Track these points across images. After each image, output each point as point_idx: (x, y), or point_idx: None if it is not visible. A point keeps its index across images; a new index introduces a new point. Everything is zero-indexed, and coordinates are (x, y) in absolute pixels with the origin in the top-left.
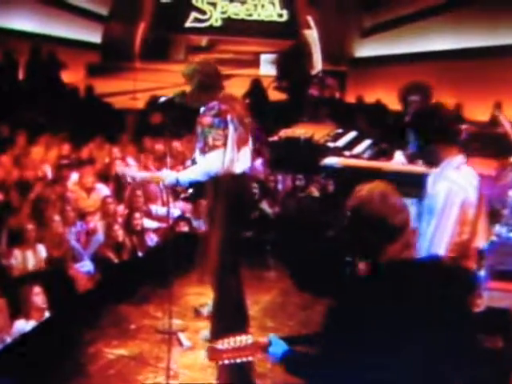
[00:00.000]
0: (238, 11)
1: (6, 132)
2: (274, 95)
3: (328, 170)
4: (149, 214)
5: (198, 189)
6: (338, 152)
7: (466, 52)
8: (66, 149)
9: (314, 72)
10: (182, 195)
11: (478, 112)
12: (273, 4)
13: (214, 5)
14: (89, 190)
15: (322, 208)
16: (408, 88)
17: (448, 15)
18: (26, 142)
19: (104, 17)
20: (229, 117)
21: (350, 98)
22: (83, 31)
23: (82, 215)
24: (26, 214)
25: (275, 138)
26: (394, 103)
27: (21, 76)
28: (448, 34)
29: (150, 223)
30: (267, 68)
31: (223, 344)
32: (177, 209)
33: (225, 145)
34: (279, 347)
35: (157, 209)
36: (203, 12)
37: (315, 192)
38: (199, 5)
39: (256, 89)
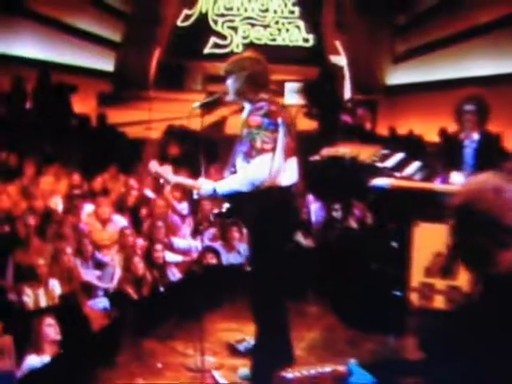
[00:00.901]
0: (260, 36)
1: (14, 161)
2: (303, 124)
3: (378, 192)
4: (170, 247)
5: (237, 202)
6: (387, 173)
7: (510, 77)
8: (76, 179)
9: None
10: (216, 211)
11: None
12: (298, 28)
13: (234, 29)
14: (105, 222)
15: (362, 240)
16: (465, 98)
17: (489, 37)
18: (35, 172)
19: (117, 43)
20: (279, 119)
21: (382, 129)
22: (94, 58)
23: (97, 248)
24: (36, 247)
25: (316, 157)
26: (429, 133)
27: (29, 104)
28: (489, 57)
29: (171, 256)
30: (292, 97)
31: (295, 372)
32: (200, 241)
33: (274, 149)
34: (362, 377)
35: (179, 242)
36: (223, 37)
37: (353, 224)
38: (219, 29)
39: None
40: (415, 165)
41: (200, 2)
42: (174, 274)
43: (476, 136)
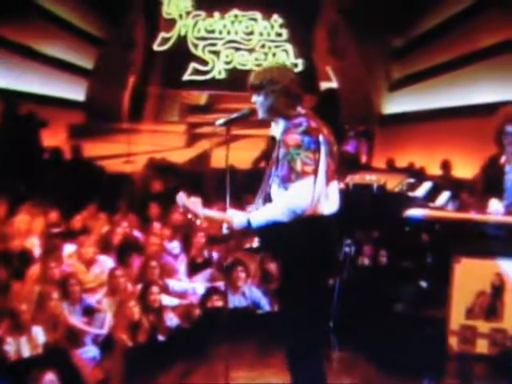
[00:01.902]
0: (245, 61)
1: None
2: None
3: (414, 223)
4: (165, 290)
5: (271, 235)
6: (419, 203)
7: None
8: (54, 217)
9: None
10: (247, 245)
11: None
12: (286, 52)
13: (217, 54)
14: (89, 263)
15: (381, 279)
16: (507, 116)
17: (496, 60)
18: (8, 212)
19: (88, 70)
20: (321, 136)
21: (378, 162)
22: (65, 87)
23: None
24: (16, 291)
25: (341, 185)
26: (431, 166)
27: None
28: (496, 82)
29: (167, 300)
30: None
31: None
32: (197, 283)
33: (315, 172)
34: None
35: (174, 284)
36: (204, 62)
37: (366, 261)
38: (199, 53)
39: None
40: (446, 194)
41: (178, 24)
42: (171, 319)
43: None
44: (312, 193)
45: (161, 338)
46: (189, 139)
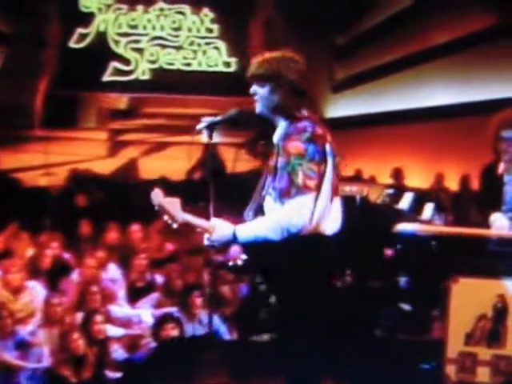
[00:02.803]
0: (172, 59)
1: None
2: (242, 165)
3: (407, 239)
4: (108, 319)
5: (260, 254)
6: (408, 216)
7: (474, 107)
8: None
9: None
10: (231, 263)
11: None
12: (218, 50)
13: (140, 51)
14: (16, 290)
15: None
16: (503, 122)
17: (446, 60)
18: None
19: None
20: (327, 146)
21: None
22: None
23: None
24: None
25: None
26: (381, 174)
27: None
28: (447, 84)
29: (113, 330)
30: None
31: None
32: (143, 310)
33: (319, 187)
34: None
35: (115, 311)
36: (126, 61)
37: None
38: (121, 51)
39: (211, 158)
40: (429, 206)
41: (97, 19)
42: (117, 351)
43: None
44: (311, 211)
45: (108, 372)
46: (112, 147)
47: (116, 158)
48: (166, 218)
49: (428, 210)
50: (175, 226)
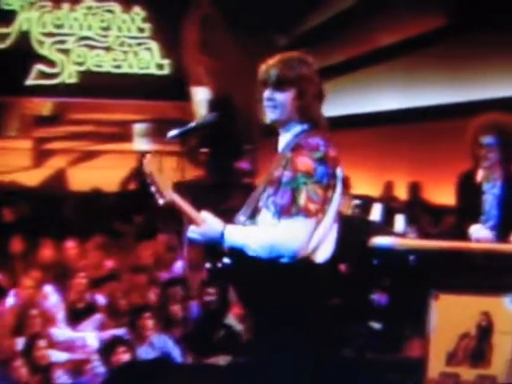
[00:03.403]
0: (100, 61)
1: None
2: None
3: (384, 255)
4: (51, 343)
5: (242, 265)
6: (383, 229)
7: (424, 112)
8: None
9: None
10: (208, 265)
11: (441, 193)
12: (150, 51)
13: (66, 52)
14: None
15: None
16: (482, 126)
17: (397, 63)
18: None
19: None
20: (339, 170)
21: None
22: None
23: None
24: None
25: None
26: None
27: None
28: (397, 88)
29: (56, 355)
30: (144, 142)
31: None
32: (87, 333)
33: (321, 213)
34: None
35: (57, 334)
36: (51, 63)
37: None
38: (46, 52)
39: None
40: (400, 218)
41: (19, 17)
42: (60, 378)
43: (498, 179)
44: (309, 237)
45: None
46: (37, 157)
47: (42, 169)
48: (153, 190)
49: (399, 221)
50: (161, 202)
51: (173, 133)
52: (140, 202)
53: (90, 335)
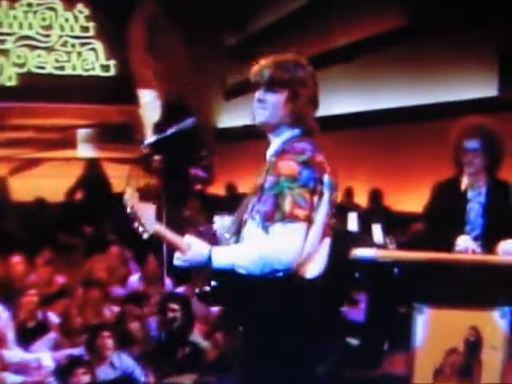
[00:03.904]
0: (42, 62)
1: None
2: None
3: (367, 267)
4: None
5: (233, 284)
6: (362, 240)
7: (387, 115)
8: None
9: None
10: (198, 289)
11: (404, 200)
12: (95, 51)
13: (5, 53)
14: None
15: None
16: (466, 130)
17: (356, 64)
18: None
19: None
20: (326, 177)
21: (218, 189)
22: None
23: None
24: None
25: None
26: None
27: None
28: (355, 90)
29: (10, 378)
30: (88, 149)
31: None
32: (42, 353)
33: (308, 220)
34: None
35: (10, 355)
36: None
37: None
38: None
39: (94, 176)
40: (377, 228)
41: None
42: None
43: (483, 186)
44: (302, 244)
45: None
46: None
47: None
48: (136, 225)
49: (377, 232)
50: (145, 236)
51: (149, 140)
52: (88, 212)
53: (45, 356)
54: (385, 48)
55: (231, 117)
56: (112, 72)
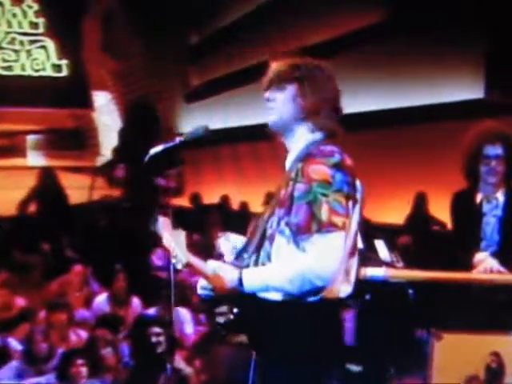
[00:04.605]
0: None
1: None
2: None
3: (377, 288)
4: None
5: (258, 311)
6: (372, 259)
7: (362, 119)
8: None
9: None
10: (221, 319)
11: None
12: (45, 50)
13: None
14: None
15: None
16: (487, 135)
17: (330, 64)
18: None
19: None
20: (358, 182)
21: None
22: None
23: None
24: None
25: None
26: (253, 200)
27: None
28: None
29: None
30: (39, 156)
31: None
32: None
33: (346, 227)
34: None
35: None
36: None
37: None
38: None
39: (49, 186)
40: (380, 244)
41: None
42: None
43: (501, 196)
44: (342, 256)
45: None
46: None
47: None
48: (173, 259)
49: (381, 248)
50: (179, 266)
51: (156, 149)
52: (43, 226)
53: None
54: (363, 47)
55: (193, 121)
56: (64, 72)
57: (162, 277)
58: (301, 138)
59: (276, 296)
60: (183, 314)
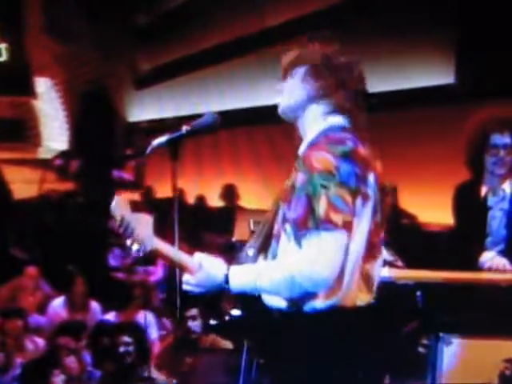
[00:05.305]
0: None
1: None
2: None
3: (382, 290)
4: None
5: (256, 316)
6: None
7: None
8: None
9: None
10: (212, 321)
11: None
12: None
13: None
14: None
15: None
16: (492, 124)
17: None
18: None
19: None
20: (371, 176)
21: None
22: None
23: None
24: None
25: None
26: (210, 194)
27: None
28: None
29: None
30: None
31: None
32: None
33: (349, 227)
34: None
35: None
36: None
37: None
38: None
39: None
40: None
41: None
42: None
43: (508, 188)
44: (340, 260)
45: None
46: None
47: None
48: (128, 242)
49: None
50: (140, 254)
51: (159, 140)
52: None
53: None
54: (325, 29)
55: (143, 109)
56: (3, 57)
57: (121, 278)
58: (314, 122)
59: (276, 300)
60: (148, 317)
